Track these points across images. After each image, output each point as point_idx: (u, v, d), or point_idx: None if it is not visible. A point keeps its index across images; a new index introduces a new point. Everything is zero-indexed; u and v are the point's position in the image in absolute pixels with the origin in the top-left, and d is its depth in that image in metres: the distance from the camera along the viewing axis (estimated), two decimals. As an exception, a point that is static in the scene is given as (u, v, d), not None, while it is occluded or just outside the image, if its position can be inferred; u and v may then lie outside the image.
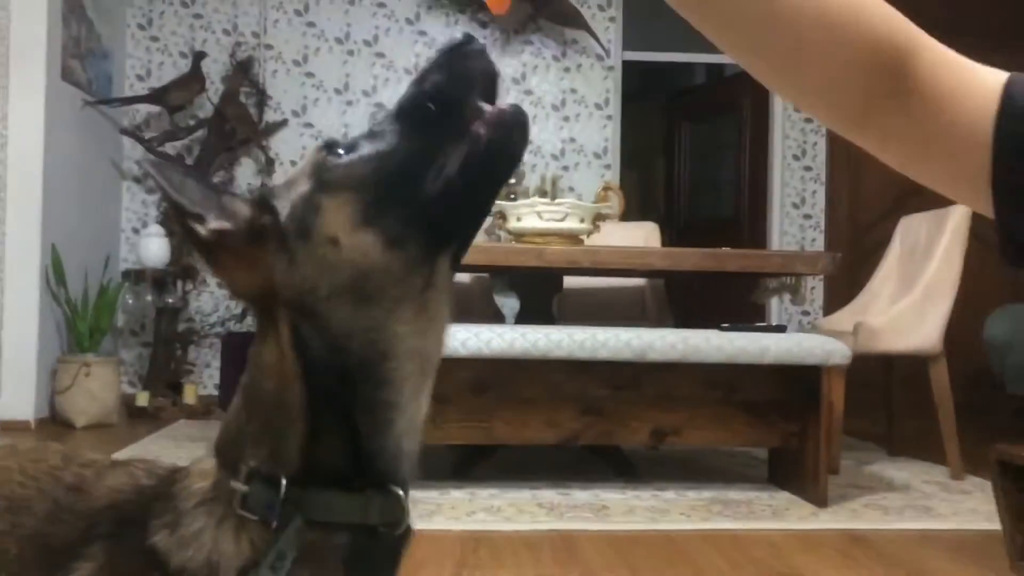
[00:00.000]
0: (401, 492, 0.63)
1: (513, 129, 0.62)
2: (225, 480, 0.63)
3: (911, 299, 3.47)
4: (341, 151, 0.61)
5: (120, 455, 3.53)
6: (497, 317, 4.73)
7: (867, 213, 5.60)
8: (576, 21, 5.56)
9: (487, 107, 0.62)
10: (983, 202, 0.76)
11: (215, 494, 0.63)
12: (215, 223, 0.62)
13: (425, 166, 0.59)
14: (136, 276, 4.95)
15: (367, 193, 0.59)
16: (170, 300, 5.04)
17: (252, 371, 0.66)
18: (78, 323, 4.58)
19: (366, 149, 0.61)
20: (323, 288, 0.60)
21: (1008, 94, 0.72)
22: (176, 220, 0.62)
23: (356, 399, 0.61)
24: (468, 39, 0.63)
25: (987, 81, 0.73)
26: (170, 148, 5.27)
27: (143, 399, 4.84)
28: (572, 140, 5.76)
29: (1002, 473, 1.77)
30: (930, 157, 0.76)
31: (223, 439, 0.67)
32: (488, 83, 0.63)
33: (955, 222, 3.49)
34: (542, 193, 4.89)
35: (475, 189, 0.62)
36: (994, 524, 2.42)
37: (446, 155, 0.60)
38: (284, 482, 0.60)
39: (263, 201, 0.63)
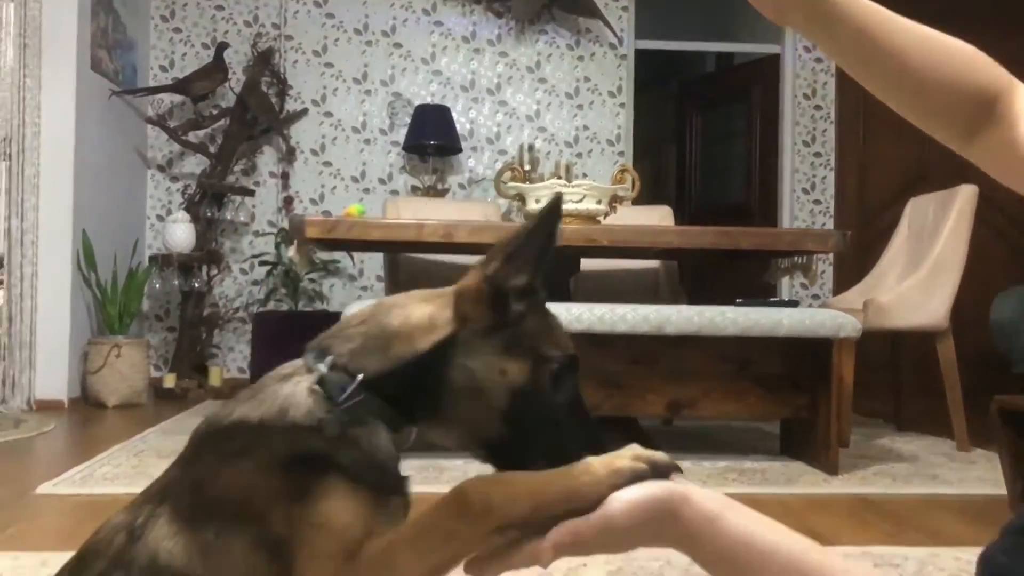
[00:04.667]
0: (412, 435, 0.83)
1: None
2: (308, 364, 0.80)
3: (918, 277, 3.58)
4: (559, 380, 0.83)
5: (151, 432, 3.68)
6: (514, 300, 4.84)
7: (876, 197, 5.71)
8: (589, 10, 5.66)
9: None
10: None
11: (296, 371, 0.80)
12: (496, 273, 0.81)
13: (529, 443, 0.81)
14: (163, 261, 5.09)
15: (523, 398, 0.80)
16: (196, 284, 5.17)
17: (392, 307, 0.83)
18: (108, 306, 4.72)
19: (553, 396, 0.82)
20: (473, 362, 0.79)
21: None
22: (500, 248, 0.81)
23: (419, 400, 0.80)
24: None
25: None
26: (193, 137, 5.40)
27: (170, 381, 4.98)
28: (585, 128, 5.88)
29: (1002, 422, 1.88)
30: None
31: (325, 334, 0.83)
32: None
33: (961, 202, 3.59)
34: (557, 178, 5.00)
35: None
36: (1000, 489, 2.53)
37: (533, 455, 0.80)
38: (360, 377, 0.78)
39: (532, 305, 0.84)
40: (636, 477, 0.75)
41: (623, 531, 0.74)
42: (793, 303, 3.38)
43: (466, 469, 2.76)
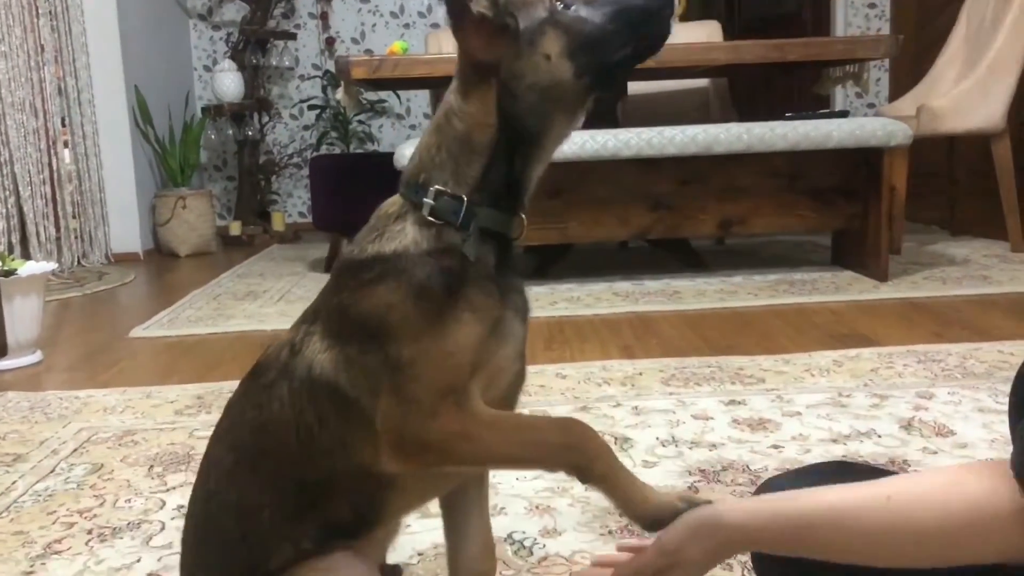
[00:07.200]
0: (524, 216, 0.92)
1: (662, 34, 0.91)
2: (410, 200, 0.89)
3: (974, 78, 3.49)
4: (564, 3, 0.88)
5: (224, 277, 3.87)
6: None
7: (935, -4, 5.44)
8: None
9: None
10: None
11: (404, 210, 0.89)
12: (479, 7, 0.85)
13: (614, 45, 0.89)
14: (215, 111, 5.17)
15: (578, 39, 0.87)
16: (249, 133, 5.27)
17: (449, 117, 0.90)
18: (168, 160, 4.86)
19: (584, 11, 0.88)
20: (527, 79, 0.87)
21: None
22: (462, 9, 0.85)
23: (519, 149, 0.89)
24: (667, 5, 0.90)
25: None
26: (230, -18, 5.35)
27: (236, 228, 5.17)
28: (628, -57, 5.64)
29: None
30: None
31: (412, 168, 0.91)
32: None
33: (1023, -4, 3.45)
34: None
35: (633, 66, 0.92)
36: (1048, 285, 2.59)
37: (626, 46, 0.89)
38: (465, 198, 0.87)
39: (508, 8, 0.87)
40: (678, 512, 0.87)
41: (676, 550, 0.85)
42: (843, 113, 3.35)
43: (579, 292, 2.83)
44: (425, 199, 0.87)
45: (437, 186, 0.87)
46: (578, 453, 0.84)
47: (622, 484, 0.86)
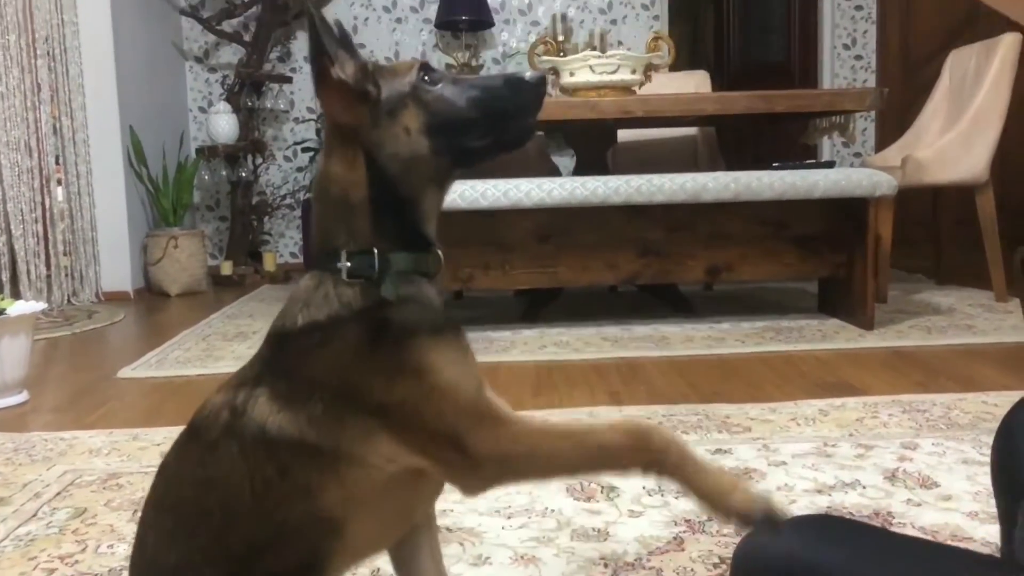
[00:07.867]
0: (439, 251, 0.93)
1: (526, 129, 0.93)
2: (327, 270, 0.88)
3: (958, 130, 3.55)
4: (431, 80, 0.89)
5: (214, 317, 3.87)
6: (553, 174, 4.89)
7: (920, 50, 5.54)
8: None
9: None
10: None
11: (323, 279, 0.89)
12: (340, 71, 0.87)
13: (473, 131, 0.90)
14: (209, 152, 5.20)
15: (436, 119, 0.88)
16: (242, 174, 5.30)
17: (322, 182, 0.91)
18: (161, 200, 4.88)
19: (448, 92, 0.89)
20: (387, 149, 0.88)
21: None
22: (314, 54, 0.86)
23: (399, 207, 0.90)
24: (540, 80, 0.91)
25: None
26: (227, 26, 5.42)
27: (227, 268, 5.18)
28: (619, -7, 5.75)
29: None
30: None
31: (317, 244, 0.92)
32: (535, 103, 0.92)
33: (1004, 52, 3.52)
34: (591, 48, 4.94)
35: (495, 154, 0.93)
36: (1032, 336, 2.61)
37: (486, 136, 0.90)
38: (376, 251, 0.87)
39: (372, 75, 0.89)
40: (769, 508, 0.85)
41: None
42: (829, 164, 3.41)
43: (513, 339, 2.89)
44: (339, 264, 0.87)
45: (347, 249, 0.88)
46: (646, 452, 0.85)
47: (698, 475, 0.86)
